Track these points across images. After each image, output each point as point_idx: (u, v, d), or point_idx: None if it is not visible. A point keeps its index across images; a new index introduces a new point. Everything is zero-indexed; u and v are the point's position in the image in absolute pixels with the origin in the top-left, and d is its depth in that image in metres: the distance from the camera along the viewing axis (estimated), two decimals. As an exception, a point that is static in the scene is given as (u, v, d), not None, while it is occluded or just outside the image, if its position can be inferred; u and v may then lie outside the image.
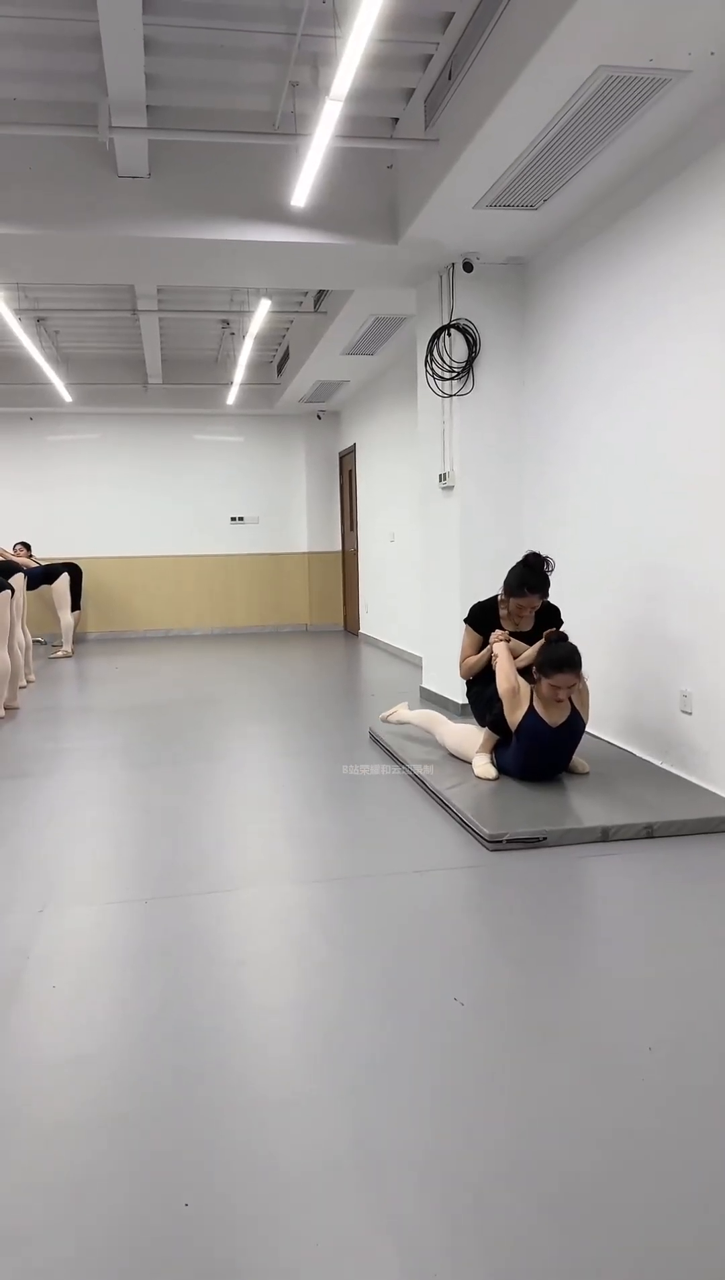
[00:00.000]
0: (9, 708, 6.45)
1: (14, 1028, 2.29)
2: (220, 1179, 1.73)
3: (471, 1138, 1.83)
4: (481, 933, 2.80)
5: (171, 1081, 2.04)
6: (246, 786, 4.50)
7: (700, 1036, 2.18)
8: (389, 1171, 1.74)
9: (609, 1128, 1.84)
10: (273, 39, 4.34)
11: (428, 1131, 1.86)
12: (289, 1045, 2.20)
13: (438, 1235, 1.58)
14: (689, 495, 4.13)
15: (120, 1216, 1.64)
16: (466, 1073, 2.06)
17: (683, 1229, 1.57)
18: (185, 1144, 1.83)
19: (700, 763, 4.09)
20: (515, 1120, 1.88)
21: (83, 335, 9.54)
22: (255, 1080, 2.05)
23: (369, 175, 5.43)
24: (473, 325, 5.84)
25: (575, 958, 2.62)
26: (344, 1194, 1.68)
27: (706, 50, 3.42)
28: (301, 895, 3.10)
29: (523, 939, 2.75)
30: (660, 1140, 1.80)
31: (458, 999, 2.36)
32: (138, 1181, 1.73)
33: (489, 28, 3.83)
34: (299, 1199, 1.67)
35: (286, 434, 11.99)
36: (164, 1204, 1.66)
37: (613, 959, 2.59)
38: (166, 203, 5.26)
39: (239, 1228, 1.60)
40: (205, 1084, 2.03)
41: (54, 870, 3.38)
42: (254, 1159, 1.78)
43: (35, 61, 4.49)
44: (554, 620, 4.50)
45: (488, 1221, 1.60)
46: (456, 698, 6.03)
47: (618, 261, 4.70)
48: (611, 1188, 1.68)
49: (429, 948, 2.68)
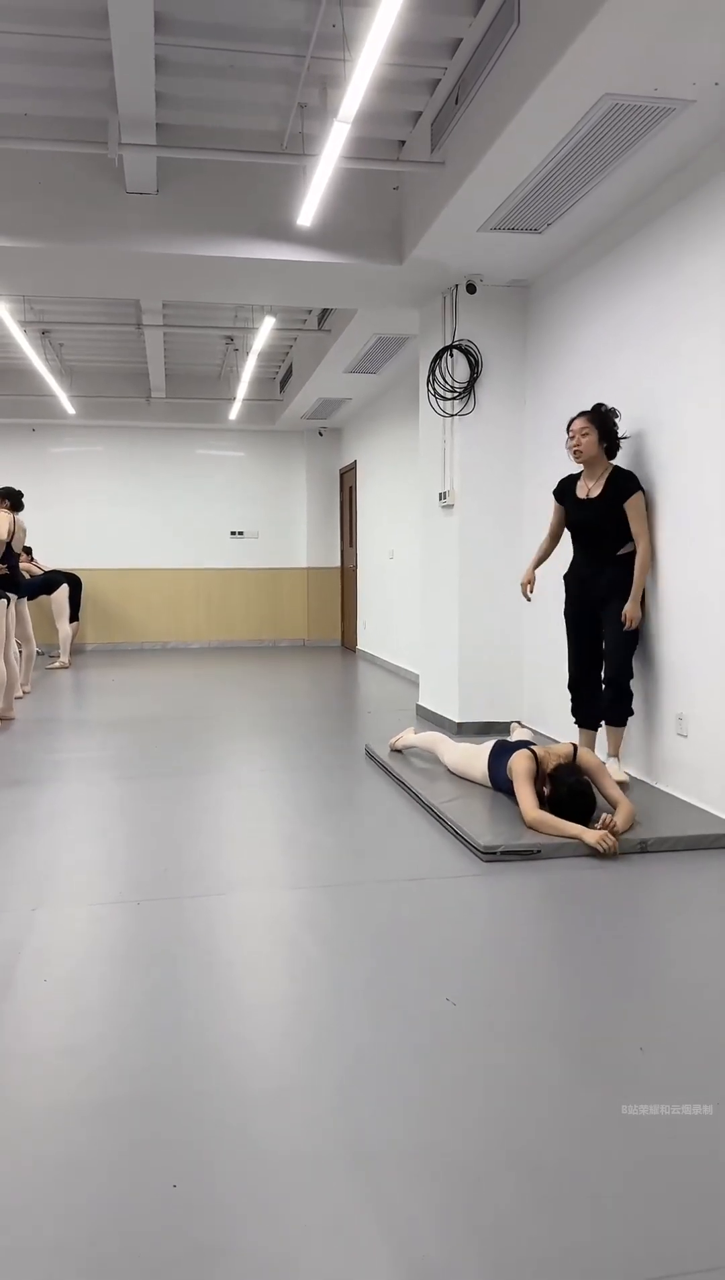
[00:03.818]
0: (4, 718, 6.45)
1: (5, 1018, 2.30)
2: (209, 1164, 1.74)
3: (462, 1128, 1.85)
4: (474, 938, 2.81)
5: (161, 1071, 2.06)
6: (241, 798, 4.51)
7: (690, 1037, 2.19)
8: (379, 1159, 1.75)
9: (599, 1121, 1.86)
10: (282, 61, 4.41)
11: (418, 1122, 1.88)
12: (279, 1039, 2.22)
13: (428, 1220, 1.59)
14: (686, 517, 4.17)
15: (109, 1199, 1.66)
16: (456, 1066, 2.08)
17: (672, 1218, 1.59)
18: (174, 1131, 1.85)
19: (694, 782, 4.11)
20: (506, 1112, 1.90)
21: (87, 348, 9.60)
22: (245, 1071, 2.06)
23: (375, 197, 5.50)
24: (475, 346, 5.90)
25: (566, 962, 2.64)
26: (333, 1180, 1.70)
27: (711, 81, 3.48)
28: (294, 900, 3.11)
29: (515, 945, 2.76)
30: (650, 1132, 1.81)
31: (449, 999, 2.38)
32: (126, 1165, 1.75)
33: (496, 54, 3.90)
34: (288, 1184, 1.69)
35: (288, 450, 12.05)
36: (153, 1187, 1.68)
37: (603, 964, 2.60)
38: (174, 219, 5.32)
39: (227, 1211, 1.62)
40: (195, 1074, 2.05)
41: (47, 873, 3.38)
42: (243, 1146, 1.80)
43: (47, 78, 4.55)
44: (626, 487, 4.32)
45: (478, 1208, 1.62)
46: (452, 715, 6.05)
47: (618, 287, 4.76)
48: (601, 1177, 1.69)
49: (421, 951, 2.69)
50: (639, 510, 4.31)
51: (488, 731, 5.75)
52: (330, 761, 5.25)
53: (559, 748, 3.94)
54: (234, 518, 11.93)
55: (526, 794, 3.73)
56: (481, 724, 5.94)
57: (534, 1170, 1.74)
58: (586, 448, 4.42)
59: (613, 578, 4.39)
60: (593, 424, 4.41)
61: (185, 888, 3.23)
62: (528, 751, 3.87)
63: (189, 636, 11.89)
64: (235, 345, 9.21)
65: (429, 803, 4.10)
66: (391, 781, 4.68)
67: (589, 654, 4.59)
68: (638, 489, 4.33)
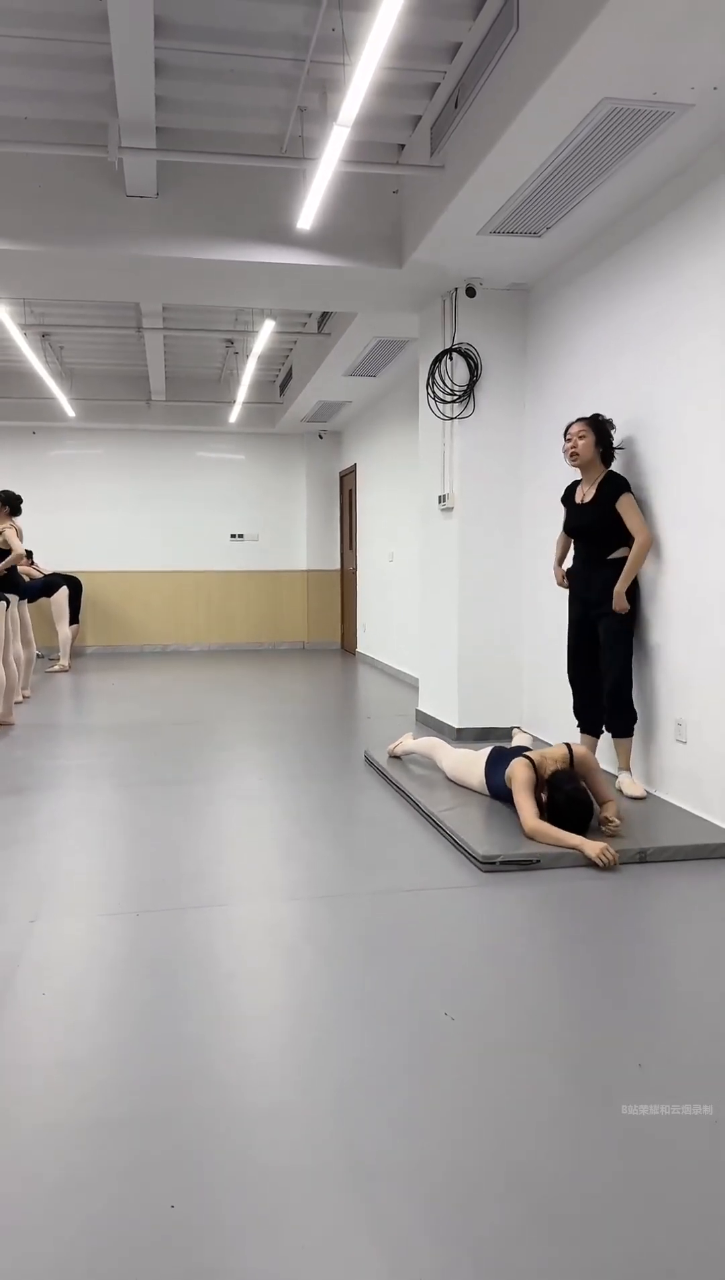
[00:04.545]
0: (3, 724, 6.43)
1: (3, 1032, 2.28)
2: (207, 1183, 1.73)
3: (459, 1144, 1.84)
4: (473, 950, 2.79)
5: (159, 1087, 2.04)
6: (240, 806, 4.50)
7: (691, 1055, 2.17)
8: (376, 1176, 1.74)
9: (597, 1138, 1.84)
10: (282, 65, 4.40)
11: (415, 1138, 1.86)
12: (278, 1054, 2.20)
13: (424, 1238, 1.58)
14: (685, 520, 4.15)
15: (107, 1218, 1.64)
16: (453, 1082, 2.06)
17: (670, 1239, 1.57)
18: (172, 1148, 1.83)
19: (693, 790, 4.10)
20: (504, 1128, 1.88)
21: (87, 351, 9.60)
22: (243, 1087, 2.05)
23: (374, 200, 5.49)
24: (474, 349, 5.88)
25: (565, 975, 2.62)
26: (331, 1199, 1.68)
27: (710, 85, 3.47)
28: (293, 911, 3.09)
29: (514, 957, 2.74)
30: (648, 1148, 1.79)
31: (448, 1014, 2.36)
32: (124, 1184, 1.73)
33: (495, 58, 3.89)
34: (286, 1203, 1.67)
35: (288, 453, 12.04)
36: (150, 1206, 1.67)
37: (602, 977, 2.58)
38: (174, 223, 5.30)
39: (225, 1231, 1.60)
40: (193, 1090, 2.03)
41: (46, 883, 3.37)
42: (241, 1164, 1.78)
43: (47, 82, 4.55)
44: (617, 489, 4.40)
45: (475, 1228, 1.61)
46: (452, 721, 6.03)
47: (618, 290, 4.74)
48: (600, 1198, 1.67)
49: (419, 964, 2.67)
50: (631, 506, 4.38)
51: (487, 737, 5.73)
52: (329, 768, 5.24)
53: (554, 751, 3.92)
54: (234, 520, 11.93)
55: (526, 804, 3.71)
56: (481, 729, 5.92)
57: (531, 1187, 1.72)
58: (583, 450, 4.51)
59: (607, 579, 4.45)
60: (590, 428, 4.52)
61: (184, 898, 3.21)
62: (525, 760, 3.85)
63: (189, 639, 11.88)
64: (235, 348, 9.21)
65: (428, 811, 4.08)
66: (390, 788, 4.66)
67: (587, 656, 4.65)
68: (627, 490, 4.42)
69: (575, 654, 4.74)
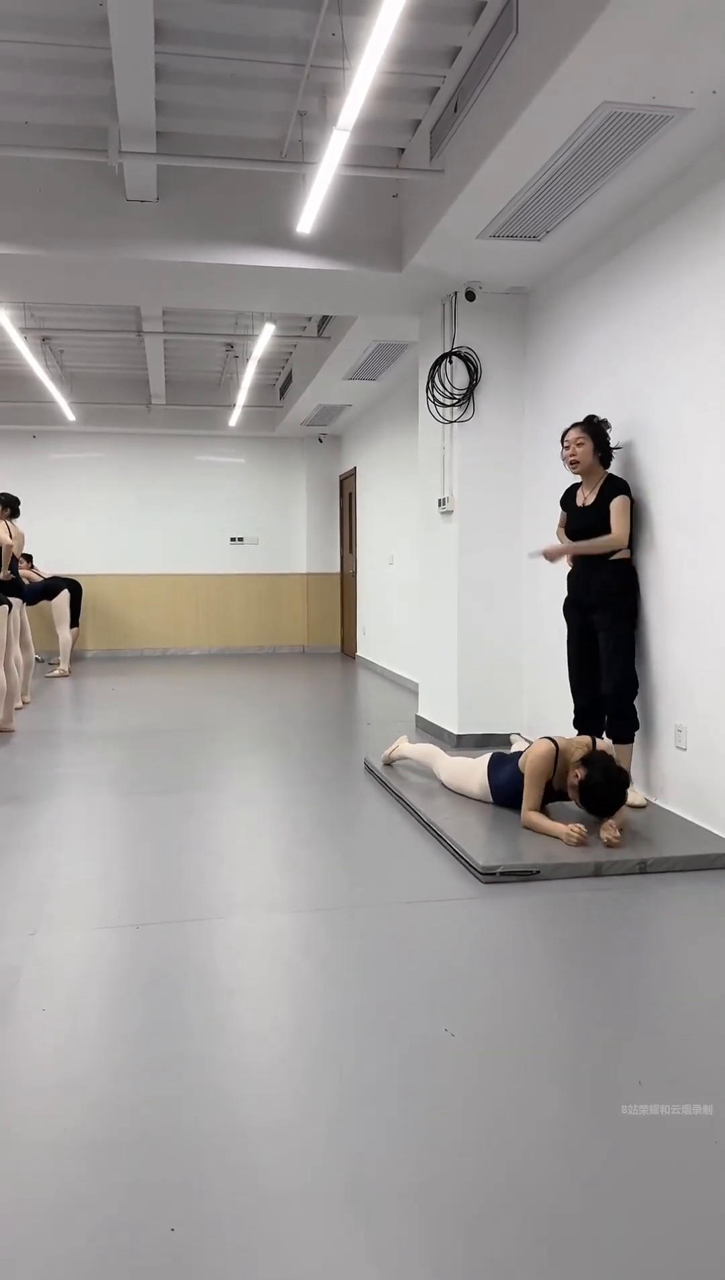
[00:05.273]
0: (3, 730, 6.40)
1: (3, 1049, 2.26)
2: (207, 1204, 1.70)
3: (460, 1164, 1.81)
4: (473, 964, 2.77)
5: (159, 1106, 2.02)
6: (239, 815, 4.48)
7: (692, 1071, 2.15)
8: (377, 1198, 1.71)
9: (599, 1158, 1.82)
10: (282, 69, 4.39)
11: (416, 1158, 1.84)
12: (278, 1072, 2.17)
13: (425, 1261, 1.55)
14: (685, 523, 4.13)
15: (106, 1240, 1.62)
16: (454, 1099, 2.04)
17: (672, 1259, 1.55)
18: (172, 1169, 1.81)
19: (694, 797, 4.07)
20: (505, 1149, 1.86)
21: (87, 355, 9.59)
22: (243, 1106, 2.02)
23: (374, 204, 5.48)
24: (474, 353, 5.87)
25: (565, 990, 2.60)
26: (331, 1221, 1.66)
27: (708, 89, 3.46)
28: (293, 924, 3.07)
29: (513, 971, 2.72)
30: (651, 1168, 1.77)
31: (448, 1030, 2.34)
32: (124, 1205, 1.71)
33: (495, 62, 3.87)
34: (286, 1224, 1.65)
35: (288, 456, 12.03)
36: (150, 1228, 1.64)
37: (603, 991, 2.56)
38: (174, 227, 5.29)
39: (225, 1253, 1.58)
40: (193, 1109, 2.01)
41: (46, 894, 3.34)
42: (241, 1184, 1.76)
43: (47, 86, 4.54)
44: (615, 491, 4.41)
45: (476, 1249, 1.59)
46: (452, 727, 6.01)
47: (617, 294, 4.73)
48: (601, 1218, 1.65)
49: (420, 978, 2.65)
50: (621, 509, 4.39)
51: (487, 744, 5.70)
52: (328, 776, 5.21)
53: (579, 739, 3.98)
54: (234, 524, 11.91)
55: (532, 792, 3.79)
56: (481, 735, 5.90)
57: (532, 1208, 1.70)
58: (583, 457, 4.50)
59: (606, 581, 4.45)
60: (587, 434, 4.49)
61: (184, 911, 3.18)
62: (550, 741, 3.89)
63: (188, 643, 11.86)
64: (235, 352, 9.20)
65: (428, 820, 4.06)
66: (389, 797, 4.64)
67: (588, 663, 4.62)
68: (625, 492, 4.42)
69: (576, 661, 4.71)
